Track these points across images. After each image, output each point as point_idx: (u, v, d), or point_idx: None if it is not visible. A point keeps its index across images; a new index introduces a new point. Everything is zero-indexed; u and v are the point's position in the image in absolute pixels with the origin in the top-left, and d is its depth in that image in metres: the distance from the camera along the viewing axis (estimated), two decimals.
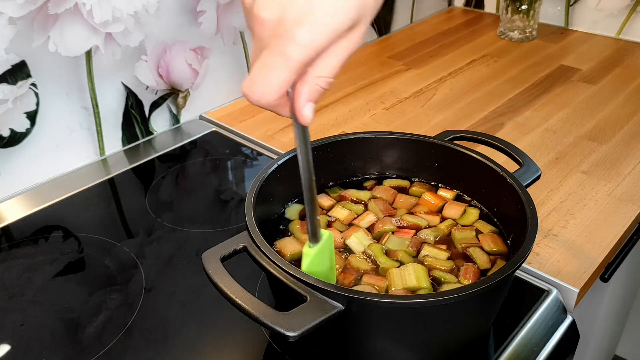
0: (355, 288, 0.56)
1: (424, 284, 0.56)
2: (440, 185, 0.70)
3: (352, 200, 0.68)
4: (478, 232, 0.63)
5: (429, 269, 0.58)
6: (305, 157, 0.48)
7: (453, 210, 0.66)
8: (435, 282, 0.57)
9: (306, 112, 0.43)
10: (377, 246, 0.61)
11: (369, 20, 0.42)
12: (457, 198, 0.68)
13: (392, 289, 0.56)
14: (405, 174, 0.72)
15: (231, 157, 0.92)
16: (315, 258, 0.52)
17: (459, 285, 0.57)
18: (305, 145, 0.47)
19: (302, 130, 0.46)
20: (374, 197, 0.68)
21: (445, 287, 0.56)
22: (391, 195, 0.69)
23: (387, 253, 0.60)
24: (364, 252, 0.61)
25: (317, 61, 0.41)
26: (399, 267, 0.58)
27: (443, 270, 0.58)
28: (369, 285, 0.57)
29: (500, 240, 0.62)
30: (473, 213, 0.66)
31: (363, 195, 0.69)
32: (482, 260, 0.59)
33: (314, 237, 0.52)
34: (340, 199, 0.69)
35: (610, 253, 0.71)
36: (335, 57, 0.41)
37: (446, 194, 0.69)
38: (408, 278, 0.56)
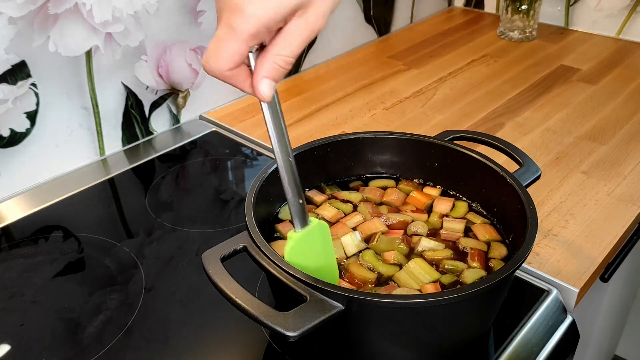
0: None
1: (435, 274, 0.57)
2: (437, 185, 0.70)
3: (342, 201, 0.68)
4: (470, 223, 0.64)
5: (435, 263, 0.59)
6: (278, 136, 0.48)
7: (443, 205, 0.67)
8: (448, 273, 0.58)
9: (262, 87, 0.43)
10: (370, 254, 0.60)
11: (324, 2, 0.42)
12: (446, 195, 0.69)
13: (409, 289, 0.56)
14: (405, 173, 0.72)
15: (231, 157, 0.92)
16: (299, 245, 0.51)
17: (473, 269, 0.58)
18: (275, 124, 0.47)
19: (269, 108, 0.46)
20: (365, 200, 0.68)
21: (466, 274, 0.57)
22: (379, 195, 0.69)
23: (382, 259, 0.60)
24: (358, 257, 0.60)
25: (277, 39, 0.42)
26: (400, 269, 0.58)
27: (450, 259, 0.59)
28: None
29: (493, 229, 0.63)
30: (462, 206, 0.67)
31: (354, 197, 0.69)
32: (476, 244, 0.61)
33: (300, 222, 0.51)
34: (331, 198, 0.69)
35: (610, 253, 0.71)
36: (294, 37, 0.42)
37: (432, 191, 0.69)
38: (420, 276, 0.57)
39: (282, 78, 0.45)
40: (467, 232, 0.64)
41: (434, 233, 0.64)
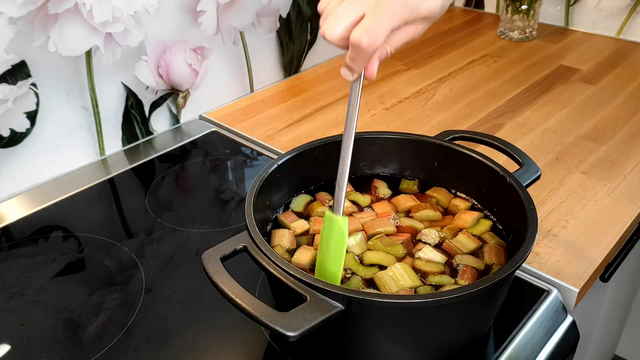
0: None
1: (418, 282, 0.56)
2: (436, 184, 0.70)
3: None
4: (484, 242, 0.62)
5: (423, 273, 0.58)
6: (352, 118, 0.53)
7: (463, 220, 0.65)
8: (435, 287, 0.57)
9: (373, 67, 0.54)
10: (350, 258, 0.59)
11: (435, 19, 0.53)
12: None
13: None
14: (405, 173, 0.72)
15: (231, 157, 0.92)
16: (326, 228, 0.54)
17: (456, 286, 0.56)
18: (357, 104, 0.53)
19: (359, 88, 0.53)
20: (379, 199, 0.68)
21: (446, 289, 0.56)
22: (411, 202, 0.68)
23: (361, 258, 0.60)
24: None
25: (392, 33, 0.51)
26: (384, 269, 0.57)
27: (438, 273, 0.58)
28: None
29: (504, 254, 0.60)
30: (485, 224, 0.64)
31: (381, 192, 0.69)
32: (472, 262, 0.59)
33: (338, 209, 0.54)
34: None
35: (610, 253, 0.71)
36: (403, 35, 0.53)
37: (461, 203, 0.67)
38: (402, 280, 0.56)
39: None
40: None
41: (440, 244, 0.62)
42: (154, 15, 0.88)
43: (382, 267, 0.58)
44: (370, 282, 0.57)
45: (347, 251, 0.58)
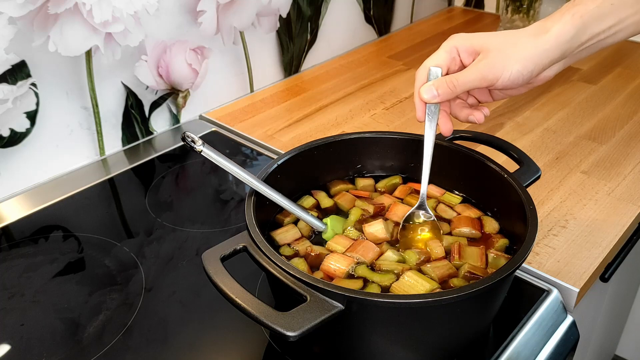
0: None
1: (434, 284, 0.56)
2: (437, 184, 0.70)
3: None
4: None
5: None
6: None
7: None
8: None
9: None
10: (363, 268, 0.59)
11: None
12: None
13: None
14: (405, 173, 0.72)
15: (231, 157, 0.92)
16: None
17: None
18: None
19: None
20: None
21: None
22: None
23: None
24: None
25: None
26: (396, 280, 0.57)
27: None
28: None
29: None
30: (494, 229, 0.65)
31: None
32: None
33: (318, 225, 0.63)
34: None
35: (610, 253, 0.71)
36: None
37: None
38: (420, 285, 0.55)
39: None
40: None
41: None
42: (154, 15, 0.88)
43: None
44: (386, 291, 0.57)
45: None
